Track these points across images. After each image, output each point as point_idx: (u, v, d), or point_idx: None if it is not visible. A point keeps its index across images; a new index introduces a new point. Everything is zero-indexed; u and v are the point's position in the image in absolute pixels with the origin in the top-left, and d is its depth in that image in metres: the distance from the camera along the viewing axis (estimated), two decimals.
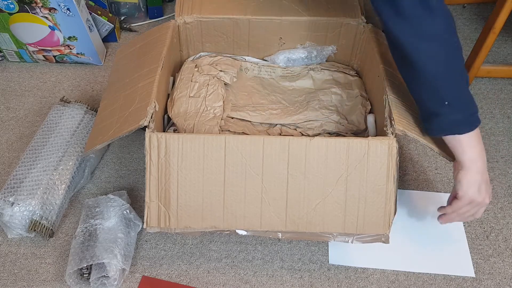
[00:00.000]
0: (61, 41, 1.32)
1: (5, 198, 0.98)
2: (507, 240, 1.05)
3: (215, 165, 0.85)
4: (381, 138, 0.85)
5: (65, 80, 1.37)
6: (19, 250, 1.01)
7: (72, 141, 1.09)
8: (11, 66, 1.41)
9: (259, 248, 1.02)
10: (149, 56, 1.02)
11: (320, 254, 1.01)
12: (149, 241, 1.03)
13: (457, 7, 1.64)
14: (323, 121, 1.07)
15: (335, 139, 0.85)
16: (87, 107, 1.17)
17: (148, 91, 0.91)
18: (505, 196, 1.12)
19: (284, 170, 0.85)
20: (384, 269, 0.99)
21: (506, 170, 1.18)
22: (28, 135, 1.22)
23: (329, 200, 0.86)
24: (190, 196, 0.86)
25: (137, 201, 1.09)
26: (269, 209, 0.86)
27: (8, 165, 1.16)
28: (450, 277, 0.98)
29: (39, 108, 1.29)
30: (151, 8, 1.56)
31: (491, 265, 1.01)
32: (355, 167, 0.84)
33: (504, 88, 1.37)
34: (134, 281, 0.97)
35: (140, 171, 1.15)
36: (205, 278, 0.97)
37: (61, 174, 1.04)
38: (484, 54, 1.26)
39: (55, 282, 0.96)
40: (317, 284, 0.97)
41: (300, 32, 1.14)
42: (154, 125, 0.86)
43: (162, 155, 0.85)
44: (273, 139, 0.84)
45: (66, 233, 1.04)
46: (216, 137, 0.85)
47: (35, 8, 1.23)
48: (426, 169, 1.17)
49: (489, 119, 1.29)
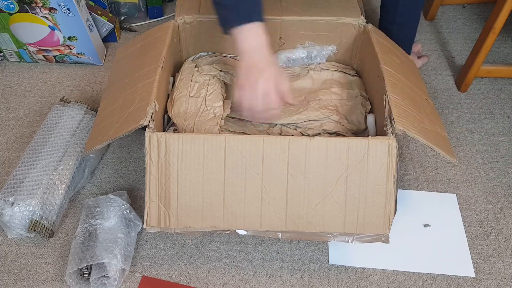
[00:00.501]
0: (61, 41, 1.32)
1: (5, 198, 0.98)
2: (507, 240, 1.04)
3: (215, 165, 0.85)
4: (381, 137, 0.85)
5: (65, 80, 1.37)
6: (19, 250, 1.01)
7: (72, 141, 1.09)
8: (11, 66, 1.41)
9: (259, 248, 1.02)
10: (149, 56, 1.02)
11: (320, 254, 1.01)
12: (149, 241, 1.02)
13: (457, 7, 1.64)
14: (323, 121, 1.07)
15: (335, 139, 0.85)
16: (87, 107, 1.17)
17: (148, 91, 0.91)
18: (505, 196, 1.12)
19: (284, 170, 0.85)
20: (384, 269, 0.99)
21: (506, 170, 1.18)
22: (28, 135, 1.22)
23: (329, 200, 0.86)
24: (190, 196, 0.86)
25: (137, 201, 1.09)
26: (269, 209, 0.86)
27: (8, 165, 1.16)
28: (450, 277, 0.98)
29: (39, 108, 1.29)
30: (151, 8, 1.56)
31: (491, 265, 1.00)
32: (355, 167, 0.84)
33: (504, 88, 1.37)
34: (134, 281, 0.97)
35: (140, 171, 1.15)
36: (205, 278, 0.97)
37: (61, 174, 1.04)
38: (484, 54, 1.26)
39: (55, 282, 0.96)
40: (317, 284, 0.97)
41: (300, 32, 1.14)
42: (154, 125, 0.86)
43: (162, 155, 0.85)
44: (273, 139, 0.84)
45: (66, 233, 1.04)
46: (216, 137, 0.85)
47: (35, 8, 1.23)
48: (426, 169, 1.17)
49: (489, 119, 1.29)
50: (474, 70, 1.30)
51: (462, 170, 1.17)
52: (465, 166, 1.18)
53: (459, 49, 1.49)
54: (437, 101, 1.33)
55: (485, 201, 1.11)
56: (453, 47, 1.50)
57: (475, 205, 1.10)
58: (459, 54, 1.48)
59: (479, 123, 1.28)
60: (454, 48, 1.50)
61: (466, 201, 1.11)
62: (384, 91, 0.92)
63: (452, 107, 1.32)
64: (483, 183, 1.15)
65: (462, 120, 1.29)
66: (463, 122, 1.28)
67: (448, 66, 1.44)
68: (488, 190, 1.13)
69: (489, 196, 1.12)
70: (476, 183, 1.15)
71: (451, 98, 1.34)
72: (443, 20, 1.60)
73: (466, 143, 1.23)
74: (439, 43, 1.51)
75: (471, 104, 1.33)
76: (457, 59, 1.46)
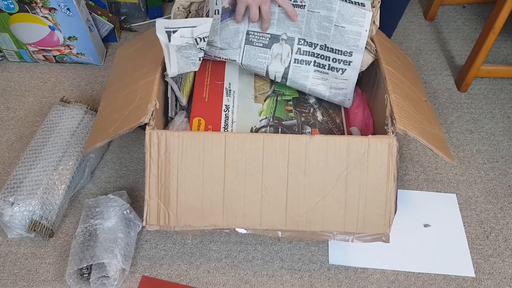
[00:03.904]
0: (61, 41, 1.32)
1: (5, 198, 0.98)
2: (507, 240, 1.04)
3: (215, 163, 0.85)
4: (381, 136, 0.85)
5: (65, 80, 1.37)
6: (19, 250, 1.01)
7: (72, 141, 1.09)
8: (11, 66, 1.41)
9: (259, 248, 1.02)
10: (149, 55, 1.02)
11: (320, 254, 1.01)
12: (149, 241, 1.02)
13: (457, 7, 1.64)
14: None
15: (335, 137, 0.85)
16: (87, 107, 1.17)
17: (149, 89, 0.91)
18: (505, 196, 1.12)
19: (284, 168, 0.85)
20: (384, 269, 0.99)
21: (506, 170, 1.17)
22: (28, 135, 1.22)
23: (329, 198, 0.85)
24: (190, 194, 0.85)
25: (137, 201, 1.09)
26: (269, 207, 0.86)
27: (8, 165, 1.16)
28: (450, 277, 0.98)
29: (39, 108, 1.29)
30: (151, 8, 1.57)
31: (491, 265, 1.00)
32: (355, 165, 0.84)
33: (504, 88, 1.37)
34: (134, 281, 0.96)
35: (140, 171, 1.15)
36: (205, 278, 0.97)
37: (61, 174, 1.04)
38: (484, 54, 1.26)
39: (55, 282, 0.96)
40: (317, 284, 0.97)
41: None
42: (155, 123, 0.86)
43: (162, 153, 0.84)
44: (273, 137, 0.84)
45: (66, 233, 1.04)
46: (216, 135, 0.85)
47: (35, 8, 1.23)
48: (426, 169, 1.17)
49: (489, 119, 1.29)
50: (474, 70, 1.30)
51: (462, 170, 1.17)
52: (465, 166, 1.18)
53: (459, 49, 1.49)
54: (437, 101, 1.33)
55: (485, 201, 1.11)
56: (453, 47, 1.50)
57: (475, 205, 1.10)
58: (459, 54, 1.48)
59: (479, 123, 1.28)
60: (454, 48, 1.50)
61: (466, 201, 1.11)
62: (385, 91, 0.92)
63: (452, 107, 1.32)
64: (483, 183, 1.15)
65: (462, 120, 1.29)
66: (463, 122, 1.28)
67: (448, 66, 1.44)
68: (488, 190, 1.13)
69: (489, 196, 1.12)
70: (476, 183, 1.15)
71: (451, 98, 1.34)
72: (443, 20, 1.60)
73: (466, 143, 1.23)
74: (439, 43, 1.51)
75: (471, 104, 1.33)
76: (457, 59, 1.46)
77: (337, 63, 0.99)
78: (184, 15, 1.03)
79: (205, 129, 0.97)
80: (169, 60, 0.90)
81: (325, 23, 0.95)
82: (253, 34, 0.98)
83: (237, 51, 0.99)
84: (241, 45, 0.99)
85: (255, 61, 1.00)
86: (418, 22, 1.59)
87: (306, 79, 1.02)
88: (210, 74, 1.06)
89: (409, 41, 1.52)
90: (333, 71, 1.00)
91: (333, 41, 0.97)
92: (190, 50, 0.91)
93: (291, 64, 1.01)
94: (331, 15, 0.94)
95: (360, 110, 1.04)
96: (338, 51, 0.97)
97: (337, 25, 0.95)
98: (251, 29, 0.98)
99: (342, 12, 0.93)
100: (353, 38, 0.95)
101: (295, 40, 0.99)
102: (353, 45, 0.96)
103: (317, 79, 1.01)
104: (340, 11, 0.93)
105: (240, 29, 0.97)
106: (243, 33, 0.97)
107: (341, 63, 0.98)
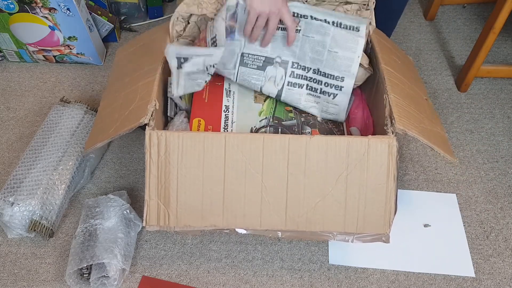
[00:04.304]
0: (61, 41, 1.32)
1: (5, 198, 0.98)
2: (507, 240, 1.04)
3: (215, 163, 0.85)
4: (381, 137, 0.85)
5: (65, 80, 1.37)
6: (19, 250, 1.01)
7: (72, 141, 1.09)
8: (11, 66, 1.41)
9: (259, 248, 1.02)
10: (149, 56, 1.02)
11: (320, 254, 1.01)
12: (149, 241, 1.02)
13: (457, 7, 1.64)
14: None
15: (335, 137, 0.85)
16: (87, 107, 1.17)
17: (149, 90, 0.91)
18: (505, 196, 1.12)
19: (284, 169, 0.85)
20: (384, 269, 0.99)
21: (506, 170, 1.18)
22: (28, 135, 1.22)
23: (329, 199, 0.85)
24: (189, 194, 0.85)
25: (137, 201, 1.09)
26: (269, 207, 0.86)
27: (8, 165, 1.16)
28: (450, 277, 0.98)
29: (39, 108, 1.29)
30: (151, 8, 1.57)
31: (491, 265, 1.00)
32: (355, 165, 0.84)
33: (504, 88, 1.37)
34: (134, 281, 0.96)
35: (140, 171, 1.15)
36: (205, 278, 0.97)
37: (61, 174, 1.04)
38: (484, 54, 1.26)
39: (55, 282, 0.96)
40: (317, 284, 0.97)
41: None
42: (155, 123, 0.86)
43: (162, 153, 0.84)
44: (273, 137, 0.84)
45: (66, 233, 1.04)
46: (216, 135, 0.85)
47: (35, 8, 1.23)
48: (426, 169, 1.17)
49: (489, 119, 1.29)
50: (474, 70, 1.30)
51: (462, 170, 1.17)
52: (465, 166, 1.18)
53: (459, 49, 1.49)
54: (437, 101, 1.33)
55: (485, 201, 1.11)
56: (453, 47, 1.50)
57: (475, 205, 1.10)
58: (459, 54, 1.48)
59: (479, 123, 1.28)
60: (454, 48, 1.50)
61: (466, 201, 1.11)
62: (384, 91, 0.92)
63: (452, 107, 1.32)
64: (483, 183, 1.15)
65: (462, 120, 1.29)
66: (463, 122, 1.28)
67: (448, 66, 1.44)
68: (488, 190, 1.13)
69: (489, 196, 1.12)
70: (476, 183, 1.15)
71: (451, 98, 1.34)
72: (443, 20, 1.60)
73: (466, 143, 1.23)
74: (439, 43, 1.51)
75: (471, 104, 1.33)
76: (457, 59, 1.46)
77: (329, 87, 1.00)
78: (183, 26, 1.03)
79: (205, 130, 0.97)
80: (177, 83, 0.90)
81: (319, 47, 0.97)
82: (247, 56, 0.99)
83: (232, 71, 1.00)
84: (236, 66, 0.99)
85: (249, 82, 1.01)
86: (418, 22, 1.59)
87: (299, 102, 1.03)
88: None
89: (409, 41, 1.52)
90: (325, 95, 1.01)
91: (326, 66, 0.98)
92: (199, 74, 0.91)
93: (284, 86, 1.02)
94: (325, 40, 0.96)
95: (360, 110, 1.04)
96: (331, 75, 0.99)
97: (330, 50, 0.97)
98: (246, 51, 0.98)
99: (336, 38, 0.96)
100: (345, 63, 0.97)
101: (289, 64, 1.00)
102: (345, 71, 0.98)
103: (309, 102, 1.03)
104: (334, 36, 0.96)
105: (235, 51, 0.97)
106: (238, 54, 0.98)
107: (332, 88, 1.00)
